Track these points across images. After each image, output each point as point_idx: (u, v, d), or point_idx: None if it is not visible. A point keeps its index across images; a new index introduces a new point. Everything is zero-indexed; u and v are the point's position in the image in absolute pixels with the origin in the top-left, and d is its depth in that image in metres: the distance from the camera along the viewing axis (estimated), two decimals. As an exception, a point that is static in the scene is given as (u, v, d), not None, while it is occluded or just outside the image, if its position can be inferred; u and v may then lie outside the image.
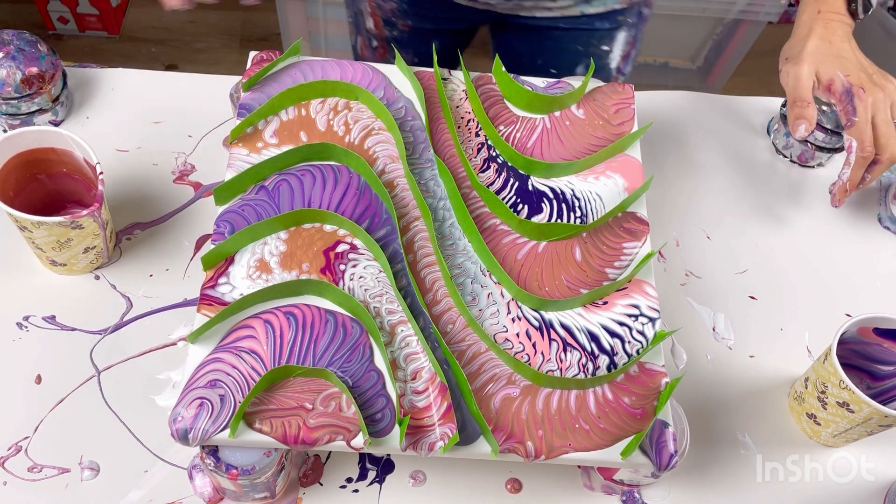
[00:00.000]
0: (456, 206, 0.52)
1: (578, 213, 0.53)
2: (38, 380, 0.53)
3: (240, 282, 0.48)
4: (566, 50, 0.75)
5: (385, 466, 0.52)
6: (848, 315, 0.62)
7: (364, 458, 0.53)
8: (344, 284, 0.49)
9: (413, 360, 0.47)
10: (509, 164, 0.55)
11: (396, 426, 0.44)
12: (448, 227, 0.52)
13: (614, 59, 0.76)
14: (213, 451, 0.45)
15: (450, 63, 0.65)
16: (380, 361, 0.46)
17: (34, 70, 0.60)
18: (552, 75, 0.59)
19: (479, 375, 0.47)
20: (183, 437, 0.43)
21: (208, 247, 0.48)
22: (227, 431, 0.43)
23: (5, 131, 0.63)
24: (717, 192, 0.67)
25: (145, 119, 0.66)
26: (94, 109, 0.66)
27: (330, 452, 0.53)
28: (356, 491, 0.51)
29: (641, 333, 0.49)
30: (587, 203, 0.54)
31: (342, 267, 0.49)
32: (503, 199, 0.53)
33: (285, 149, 0.52)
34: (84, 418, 0.52)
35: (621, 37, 0.74)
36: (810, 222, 0.66)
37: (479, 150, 0.55)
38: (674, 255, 0.63)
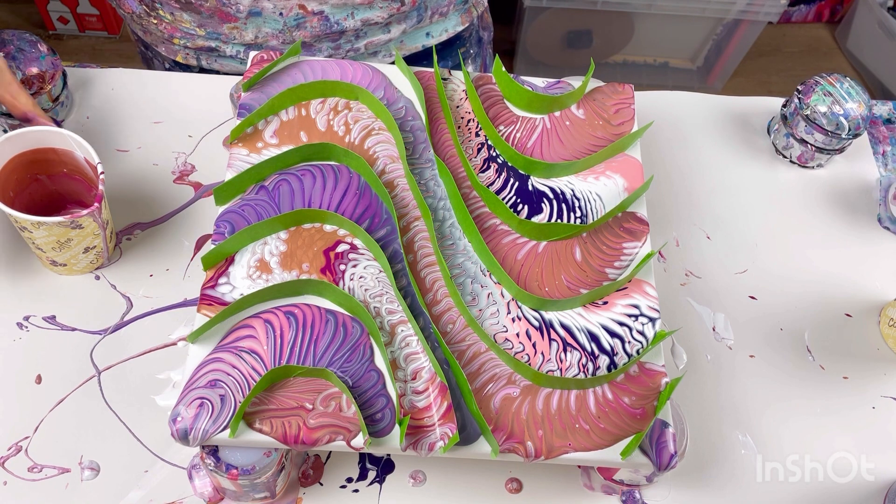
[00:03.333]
0: (456, 206, 0.52)
1: (578, 213, 0.53)
2: (39, 380, 0.53)
3: (240, 282, 0.48)
4: None
5: (385, 466, 0.52)
6: (848, 315, 0.62)
7: (364, 458, 0.53)
8: (344, 284, 0.49)
9: (413, 360, 0.47)
10: (509, 164, 0.55)
11: (396, 426, 0.44)
12: (448, 227, 0.52)
13: None
14: (213, 451, 0.45)
15: None
16: (380, 361, 0.46)
17: (34, 70, 0.60)
18: None
19: (479, 375, 0.47)
20: (183, 437, 0.43)
21: (208, 247, 0.48)
22: (228, 431, 0.43)
23: (5, 131, 0.63)
24: (717, 192, 0.67)
25: (145, 119, 0.66)
26: (94, 109, 0.66)
27: (330, 452, 0.53)
28: (356, 491, 0.51)
29: (641, 333, 0.49)
30: (587, 203, 0.54)
31: (342, 267, 0.49)
32: (503, 199, 0.53)
33: (285, 149, 0.52)
34: (84, 418, 0.52)
35: (469, 70, 0.73)
36: (810, 222, 0.66)
37: (479, 150, 0.55)
38: (674, 255, 0.63)
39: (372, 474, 0.52)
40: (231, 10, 0.58)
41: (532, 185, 0.54)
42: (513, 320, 0.49)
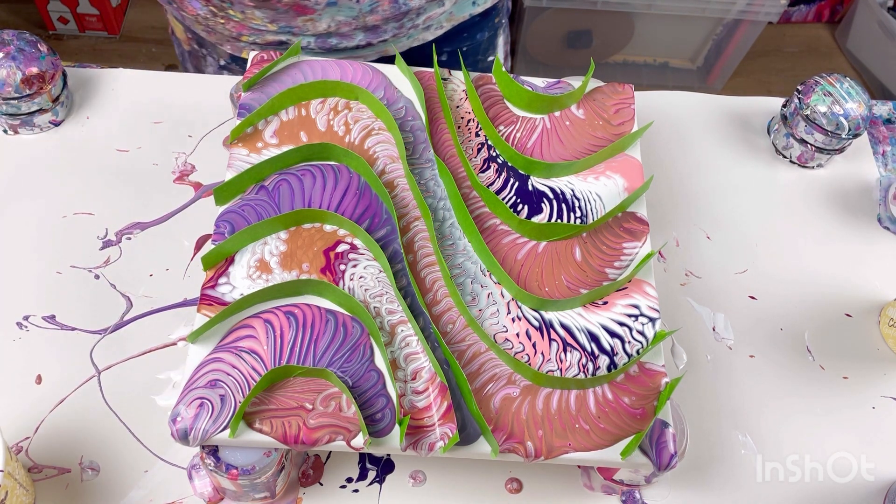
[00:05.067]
0: (456, 206, 0.52)
1: (578, 213, 0.53)
2: (39, 380, 0.53)
3: (240, 282, 0.48)
4: None
5: (385, 466, 0.52)
6: (848, 315, 0.62)
7: (364, 458, 0.53)
8: (344, 284, 0.49)
9: (413, 360, 0.47)
10: (509, 164, 0.55)
11: (396, 426, 0.44)
12: (448, 227, 0.52)
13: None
14: (213, 451, 0.45)
15: None
16: (380, 361, 0.46)
17: (34, 70, 0.60)
18: None
19: (479, 375, 0.47)
20: (183, 437, 0.43)
21: (208, 247, 0.48)
22: (227, 431, 0.43)
23: (6, 132, 0.63)
24: (717, 192, 0.67)
25: (145, 119, 0.66)
26: (94, 109, 0.66)
27: (330, 452, 0.53)
28: (356, 491, 0.51)
29: (641, 333, 0.49)
30: (587, 203, 0.54)
31: (342, 267, 0.49)
32: (503, 199, 0.53)
33: (285, 149, 0.52)
34: (84, 418, 0.52)
35: (500, 41, 0.74)
36: (810, 222, 0.66)
37: (479, 150, 0.55)
38: (674, 255, 0.63)
39: (372, 474, 0.52)
40: (309, 2, 0.59)
41: (532, 185, 0.54)
42: (513, 320, 0.49)
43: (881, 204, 0.68)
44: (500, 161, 0.55)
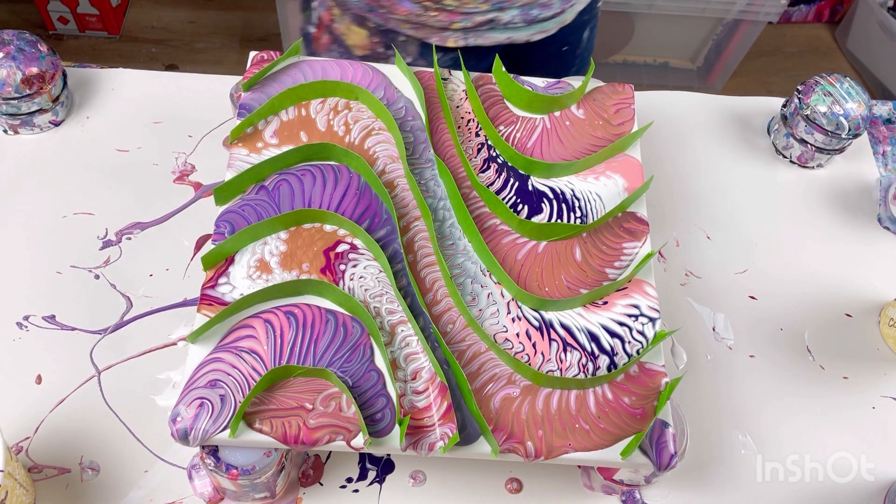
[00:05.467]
0: (456, 206, 0.52)
1: (578, 213, 0.53)
2: (39, 380, 0.53)
3: (240, 282, 0.48)
4: (558, 52, 0.74)
5: (385, 466, 0.52)
6: (848, 315, 0.62)
7: (364, 458, 0.53)
8: (344, 284, 0.49)
9: (413, 360, 0.47)
10: (509, 164, 0.55)
11: (396, 426, 0.44)
12: (448, 227, 0.52)
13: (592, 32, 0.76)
14: (213, 451, 0.45)
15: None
16: (380, 361, 0.46)
17: (34, 70, 0.60)
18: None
19: (479, 375, 0.47)
20: (183, 437, 0.43)
21: (208, 247, 0.48)
22: (228, 431, 0.43)
23: (6, 131, 0.63)
24: (717, 192, 0.67)
25: (145, 119, 0.66)
26: (94, 109, 0.66)
27: (330, 452, 0.53)
28: (356, 491, 0.52)
29: (641, 333, 0.49)
30: (587, 203, 0.54)
31: (342, 267, 0.49)
32: (503, 199, 0.53)
33: (285, 149, 0.52)
34: (84, 418, 0.52)
35: (596, 6, 0.75)
36: (810, 222, 0.66)
37: (479, 150, 0.55)
38: (674, 255, 0.63)
39: (372, 474, 0.52)
40: None
41: (532, 185, 0.54)
42: (513, 320, 0.49)
43: (881, 204, 0.68)
44: (500, 161, 0.55)
